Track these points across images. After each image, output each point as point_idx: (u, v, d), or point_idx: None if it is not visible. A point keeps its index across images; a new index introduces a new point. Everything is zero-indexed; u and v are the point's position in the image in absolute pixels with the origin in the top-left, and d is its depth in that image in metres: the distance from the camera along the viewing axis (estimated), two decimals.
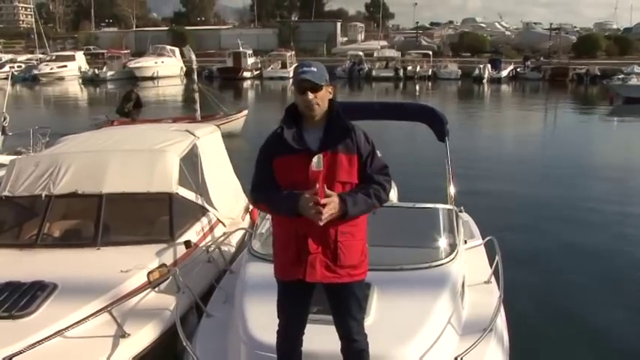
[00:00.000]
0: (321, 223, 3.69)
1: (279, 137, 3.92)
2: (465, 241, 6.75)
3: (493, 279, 6.24)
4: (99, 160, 7.73)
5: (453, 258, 5.61)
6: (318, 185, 3.68)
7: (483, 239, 7.44)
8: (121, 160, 7.73)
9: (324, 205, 3.66)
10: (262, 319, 4.39)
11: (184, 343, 4.87)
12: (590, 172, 17.64)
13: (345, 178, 3.86)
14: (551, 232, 11.29)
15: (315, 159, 3.77)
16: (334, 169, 3.82)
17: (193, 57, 24.13)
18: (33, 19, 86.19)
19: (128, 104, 21.80)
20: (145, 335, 5.45)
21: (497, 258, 6.35)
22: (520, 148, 22.48)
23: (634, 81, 39.74)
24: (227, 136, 20.52)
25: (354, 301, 4.04)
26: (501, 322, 5.52)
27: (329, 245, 3.87)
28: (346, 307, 4.02)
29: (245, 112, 23.97)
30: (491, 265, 6.49)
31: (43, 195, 7.20)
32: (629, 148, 22.64)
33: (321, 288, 4.04)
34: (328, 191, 3.71)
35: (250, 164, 4.17)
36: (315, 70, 3.90)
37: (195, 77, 22.87)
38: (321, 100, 3.90)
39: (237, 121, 22.98)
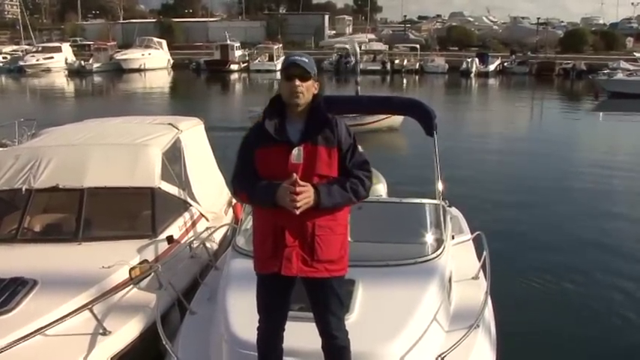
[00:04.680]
0: (297, 212, 3.65)
1: (261, 128, 3.88)
2: (453, 237, 6.71)
3: (481, 274, 6.18)
4: (81, 154, 7.63)
5: (440, 253, 5.55)
6: (294, 176, 3.64)
7: (472, 234, 7.38)
8: (103, 154, 7.63)
9: (299, 194, 3.62)
10: (245, 317, 4.31)
11: (164, 342, 4.79)
12: (577, 166, 17.74)
13: (325, 171, 3.80)
14: (541, 226, 11.33)
15: (294, 151, 3.75)
16: (314, 161, 3.78)
17: (357, 49, 23.59)
18: (18, 10, 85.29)
19: None
20: (126, 333, 5.38)
21: (484, 253, 6.30)
22: (508, 142, 22.44)
23: (619, 76, 40.01)
24: (386, 131, 20.89)
25: (334, 297, 3.98)
26: (488, 317, 5.48)
27: (306, 239, 3.81)
28: (325, 303, 3.97)
29: None
30: (479, 261, 6.42)
31: (24, 189, 7.10)
32: (615, 142, 22.79)
33: (302, 284, 3.99)
34: (301, 182, 3.66)
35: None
36: (306, 60, 3.89)
37: (358, 69, 22.31)
38: (306, 90, 3.85)
39: (398, 117, 21.46)
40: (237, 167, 4.02)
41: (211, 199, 8.72)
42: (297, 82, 3.80)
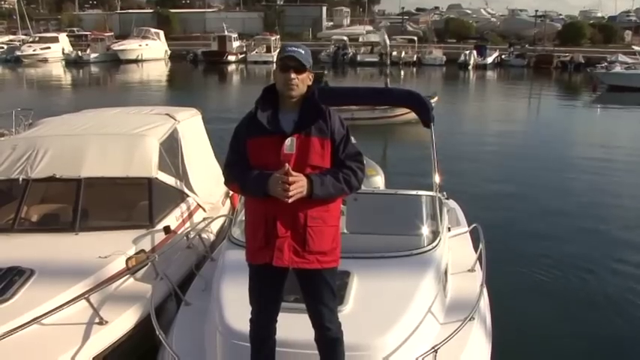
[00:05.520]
0: (289, 201, 3.63)
1: (253, 118, 3.87)
2: (449, 229, 6.70)
3: (478, 266, 6.17)
4: (78, 144, 7.62)
5: (436, 245, 5.54)
6: (287, 166, 3.62)
7: (470, 226, 7.38)
8: (100, 144, 7.63)
9: (291, 183, 3.61)
10: (239, 308, 4.27)
11: (157, 333, 4.78)
12: (575, 158, 17.81)
13: (317, 162, 3.79)
14: (539, 218, 11.39)
15: (287, 141, 3.73)
16: (306, 152, 3.76)
17: (387, 41, 23.58)
18: (15, 0, 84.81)
19: None
20: (122, 323, 5.40)
21: (480, 246, 6.29)
22: (506, 135, 22.29)
23: (618, 69, 40.01)
24: (415, 123, 20.70)
25: (327, 288, 3.96)
26: (484, 309, 5.48)
27: (298, 230, 3.80)
28: (318, 295, 3.95)
29: (436, 98, 23.17)
30: (476, 253, 6.42)
31: (21, 179, 7.10)
32: (612, 135, 22.83)
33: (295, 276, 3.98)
34: (294, 172, 3.64)
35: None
36: (302, 51, 3.86)
37: (389, 61, 22.29)
38: (301, 83, 3.83)
39: None
40: (229, 157, 4.01)
41: (209, 190, 8.71)
42: (293, 75, 3.79)
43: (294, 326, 4.16)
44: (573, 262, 9.11)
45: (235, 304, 4.51)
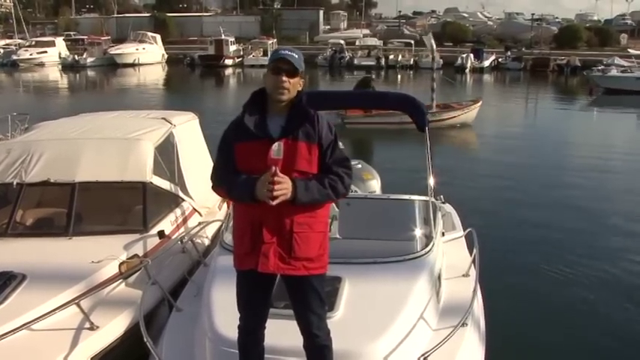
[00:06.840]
0: (273, 203, 3.59)
1: (240, 122, 3.85)
2: (444, 233, 6.67)
3: (472, 271, 6.11)
4: (72, 148, 7.61)
5: (429, 250, 5.49)
6: (274, 168, 3.59)
7: (465, 231, 7.35)
8: (94, 148, 7.60)
9: (276, 184, 3.58)
10: (229, 315, 4.21)
11: (145, 340, 4.71)
12: (571, 163, 17.82)
13: (304, 167, 3.75)
14: (536, 222, 11.35)
15: (274, 146, 3.68)
16: (293, 157, 3.73)
17: (434, 46, 23.99)
18: (11, 4, 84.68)
19: None
20: (113, 328, 5.37)
21: (474, 251, 6.27)
22: (503, 138, 22.21)
23: (613, 72, 40.11)
24: (460, 127, 21.70)
25: (314, 295, 3.92)
26: (478, 314, 5.43)
27: (284, 235, 3.77)
28: (306, 301, 3.92)
29: (480, 102, 23.61)
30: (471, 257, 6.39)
31: (15, 183, 7.08)
32: (609, 139, 22.84)
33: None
34: (281, 174, 3.61)
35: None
36: (296, 55, 3.83)
37: (434, 66, 22.80)
38: (292, 87, 3.81)
39: (472, 112, 22.87)
40: (217, 161, 4.01)
41: (205, 194, 8.61)
42: (284, 78, 3.76)
43: (283, 333, 4.13)
44: (569, 268, 9.07)
45: (225, 311, 4.43)
